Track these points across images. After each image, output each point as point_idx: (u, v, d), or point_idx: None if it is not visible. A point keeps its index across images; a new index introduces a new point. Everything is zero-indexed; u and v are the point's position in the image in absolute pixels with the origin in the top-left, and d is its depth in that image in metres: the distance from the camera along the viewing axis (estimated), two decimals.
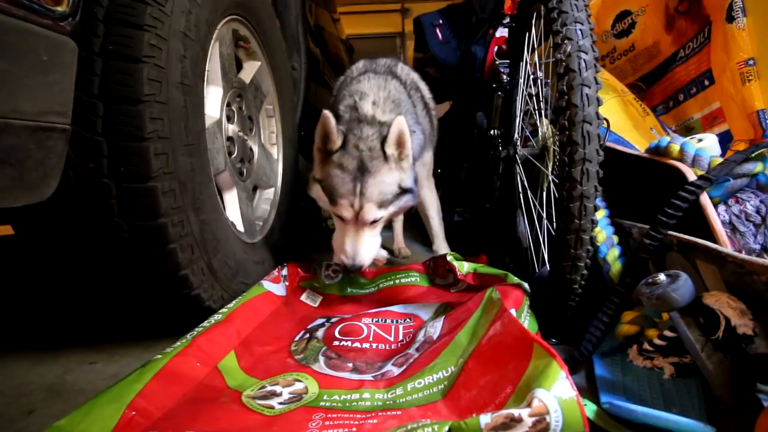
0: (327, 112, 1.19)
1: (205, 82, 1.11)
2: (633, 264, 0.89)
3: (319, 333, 1.05)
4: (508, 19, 1.99)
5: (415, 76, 1.61)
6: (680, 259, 0.85)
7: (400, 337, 1.05)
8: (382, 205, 1.20)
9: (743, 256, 0.71)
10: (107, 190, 0.88)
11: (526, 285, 1.07)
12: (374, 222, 1.22)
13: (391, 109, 1.33)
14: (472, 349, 0.79)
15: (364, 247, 1.21)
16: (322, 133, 1.21)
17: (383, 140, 1.21)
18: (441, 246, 1.68)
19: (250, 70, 1.49)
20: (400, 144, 1.22)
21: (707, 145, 1.07)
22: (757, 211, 0.93)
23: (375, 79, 1.42)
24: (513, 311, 0.83)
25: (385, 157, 1.21)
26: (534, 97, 1.29)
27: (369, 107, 1.31)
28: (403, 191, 1.24)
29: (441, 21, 2.41)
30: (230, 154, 1.31)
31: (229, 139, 1.31)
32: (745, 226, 0.93)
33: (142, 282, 1.01)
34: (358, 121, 1.26)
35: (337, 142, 1.20)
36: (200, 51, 1.06)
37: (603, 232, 1.02)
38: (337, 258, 1.24)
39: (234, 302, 1.05)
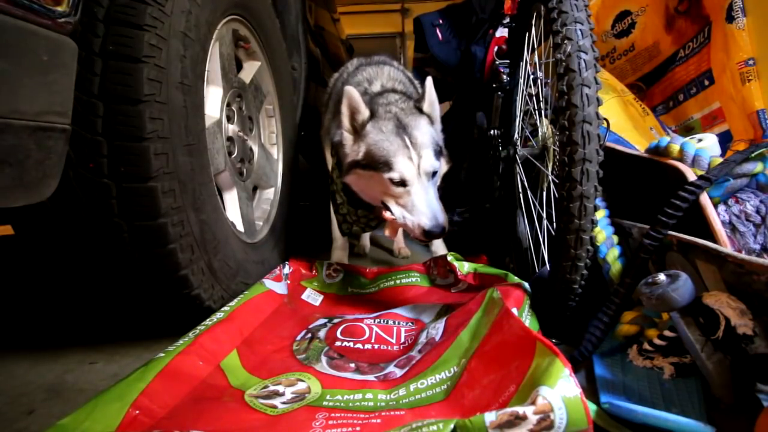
0: (350, 87, 1.13)
1: (205, 82, 1.11)
2: (633, 264, 0.89)
3: (321, 333, 1.05)
4: (508, 19, 1.99)
5: (409, 74, 1.61)
6: (680, 259, 0.85)
7: (402, 340, 1.05)
8: (435, 152, 1.12)
9: (743, 256, 0.71)
10: (107, 190, 0.88)
11: (526, 285, 1.07)
12: (434, 175, 1.12)
13: (394, 84, 1.32)
14: (474, 348, 0.79)
15: (436, 205, 1.08)
16: (350, 107, 1.13)
17: (416, 101, 1.19)
18: (439, 247, 1.68)
19: (250, 70, 1.49)
20: (431, 105, 1.20)
21: (707, 145, 1.07)
22: (757, 211, 0.93)
23: (375, 67, 1.41)
24: (514, 310, 0.83)
25: (421, 112, 1.18)
26: (534, 97, 1.29)
27: (380, 87, 1.29)
28: (441, 154, 1.18)
29: (441, 21, 2.41)
30: (230, 154, 1.31)
31: (229, 139, 1.31)
32: (745, 226, 0.93)
33: (142, 282, 1.01)
34: (377, 94, 1.22)
35: (366, 111, 1.13)
36: (200, 51, 1.06)
37: (603, 232, 1.02)
38: (415, 228, 1.06)
39: (236, 301, 1.05)
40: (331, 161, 1.37)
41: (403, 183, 1.09)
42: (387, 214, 1.14)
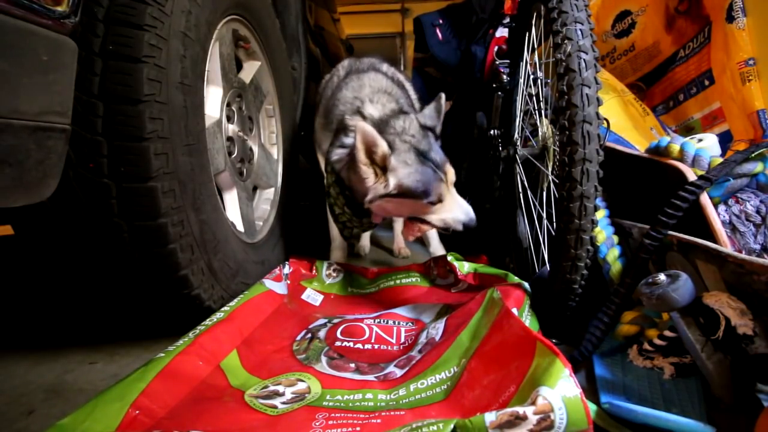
0: (363, 123, 1.14)
1: (205, 82, 1.11)
2: (633, 264, 0.89)
3: (321, 333, 1.05)
4: (508, 19, 1.99)
5: (400, 76, 1.59)
6: (680, 259, 0.85)
7: (402, 340, 1.05)
8: (455, 162, 1.23)
9: (743, 256, 0.71)
10: (107, 190, 0.88)
11: (526, 285, 1.07)
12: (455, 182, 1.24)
13: (388, 100, 1.31)
14: (474, 348, 0.79)
15: (464, 203, 1.22)
16: (365, 143, 1.12)
17: (418, 119, 1.23)
18: (437, 248, 1.68)
19: (250, 70, 1.49)
20: (431, 118, 1.26)
21: (707, 145, 1.07)
22: (757, 211, 0.93)
23: (365, 77, 1.39)
24: (514, 311, 0.83)
25: (425, 128, 1.23)
26: (534, 97, 1.29)
27: (378, 112, 1.28)
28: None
29: (441, 21, 2.41)
30: (230, 154, 1.31)
31: (229, 139, 1.31)
32: (745, 226, 0.93)
33: (142, 282, 1.01)
34: (382, 122, 1.24)
35: (384, 145, 1.13)
36: (200, 51, 1.06)
37: (603, 232, 1.02)
38: (457, 225, 1.21)
39: (236, 301, 1.05)
40: (326, 176, 1.35)
41: (439, 200, 1.19)
42: (421, 226, 1.26)
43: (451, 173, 1.21)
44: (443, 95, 1.29)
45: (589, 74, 0.85)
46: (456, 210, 1.20)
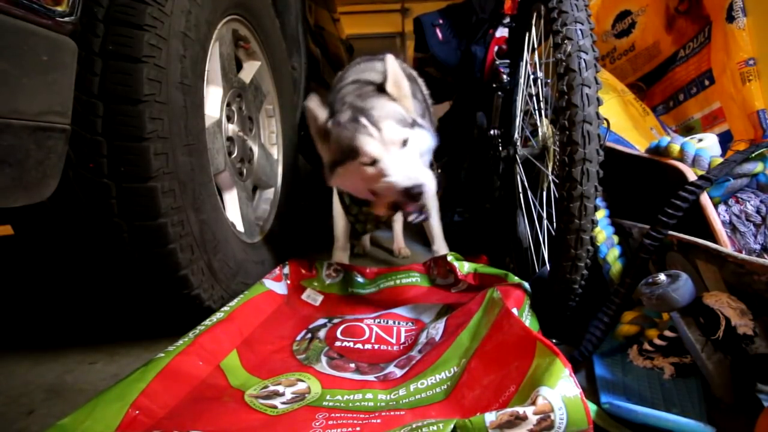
0: (309, 101, 1.13)
1: (205, 82, 1.11)
2: (633, 264, 0.89)
3: (321, 333, 1.05)
4: (508, 19, 1.99)
5: (413, 71, 1.57)
6: (680, 259, 0.85)
7: (402, 340, 1.05)
8: (400, 122, 1.07)
9: (743, 256, 0.71)
10: (107, 190, 0.88)
11: (526, 285, 1.07)
12: (405, 143, 1.07)
13: (369, 73, 1.28)
14: (474, 349, 0.79)
15: (417, 165, 1.05)
16: (310, 117, 1.14)
17: (377, 86, 1.15)
18: (441, 246, 1.68)
19: (250, 70, 1.49)
20: (394, 84, 1.15)
21: (707, 145, 1.07)
22: (757, 211, 0.93)
23: (366, 63, 1.39)
24: (515, 311, 0.83)
25: (381, 92, 1.14)
26: (534, 97, 1.29)
27: (349, 81, 1.25)
28: (417, 124, 1.12)
29: (441, 21, 2.41)
30: (230, 154, 1.31)
31: (229, 139, 1.31)
32: (745, 226, 0.93)
33: (142, 282, 1.01)
34: (338, 90, 1.21)
35: (323, 114, 1.13)
36: (200, 51, 1.06)
37: (603, 232, 1.02)
38: (395, 194, 1.02)
39: (235, 301, 1.05)
40: None
41: (374, 162, 1.06)
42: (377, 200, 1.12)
43: (388, 129, 1.05)
44: (390, 56, 1.19)
45: (589, 74, 0.84)
46: (391, 175, 1.01)
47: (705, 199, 0.90)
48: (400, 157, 1.05)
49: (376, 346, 1.02)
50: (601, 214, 1.06)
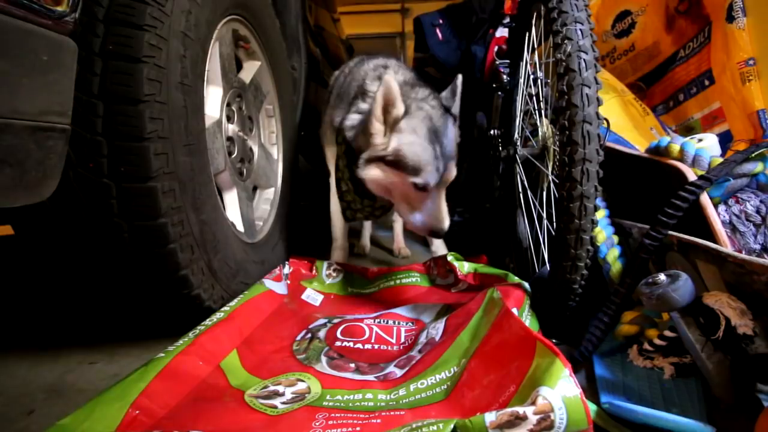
0: (390, 77, 1.08)
1: (205, 82, 1.11)
2: (633, 264, 0.89)
3: (321, 333, 1.05)
4: (508, 19, 1.99)
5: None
6: (680, 259, 0.85)
7: (402, 340, 1.05)
8: (455, 162, 1.15)
9: (743, 256, 0.71)
10: (107, 190, 0.88)
11: (526, 285, 1.07)
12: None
13: (408, 71, 1.30)
14: (474, 348, 0.79)
15: (445, 209, 1.14)
16: (386, 98, 1.08)
17: (444, 99, 1.18)
18: (440, 247, 1.68)
19: (250, 70, 1.49)
20: (458, 106, 1.20)
21: (707, 145, 1.07)
22: (757, 211, 0.93)
23: (382, 59, 1.38)
24: (515, 311, 0.83)
25: (449, 114, 1.17)
26: (534, 97, 1.29)
27: (402, 78, 1.24)
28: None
29: (441, 21, 2.41)
30: (230, 154, 1.31)
31: (229, 139, 1.31)
32: (745, 226, 0.93)
33: (142, 282, 1.01)
34: (407, 85, 1.18)
35: (401, 107, 1.09)
36: (200, 51, 1.06)
37: (603, 232, 1.02)
38: (424, 229, 1.14)
39: (236, 301, 1.05)
40: (335, 150, 1.32)
41: (424, 188, 1.11)
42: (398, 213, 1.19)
43: (451, 171, 1.15)
44: (461, 77, 1.24)
45: (589, 74, 0.85)
46: (430, 215, 1.12)
47: (705, 199, 0.90)
48: (442, 196, 1.12)
49: (376, 346, 1.02)
50: (601, 214, 1.06)
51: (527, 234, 1.32)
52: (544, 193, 1.23)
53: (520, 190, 1.38)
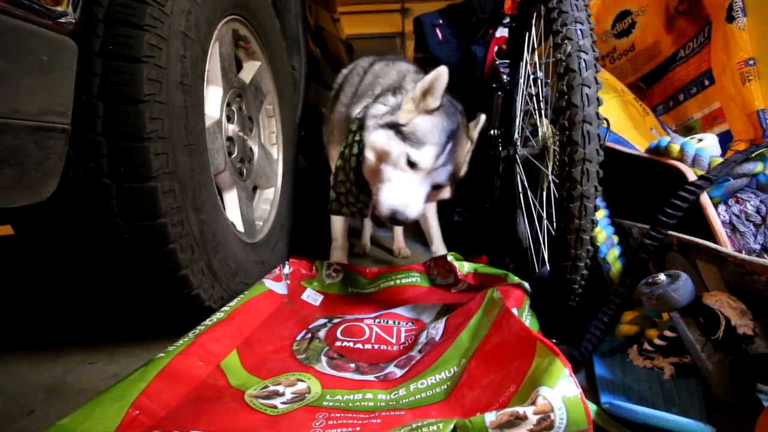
0: (445, 68, 1.14)
1: (205, 82, 1.11)
2: (633, 264, 0.89)
3: (321, 333, 1.05)
4: (508, 19, 1.99)
5: None
6: (680, 259, 0.85)
7: (402, 340, 1.05)
8: (450, 175, 1.19)
9: (743, 256, 0.71)
10: (107, 190, 0.88)
11: (526, 285, 1.07)
12: (438, 188, 1.19)
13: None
14: (474, 349, 0.79)
15: (419, 199, 1.13)
16: (431, 85, 1.14)
17: (468, 122, 1.25)
18: (440, 247, 1.68)
19: (250, 70, 1.49)
20: (478, 133, 1.27)
21: (707, 145, 1.07)
22: (757, 211, 0.93)
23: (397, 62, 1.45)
24: (515, 311, 0.83)
25: (467, 135, 1.23)
26: (534, 97, 1.29)
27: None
28: (455, 180, 1.24)
29: (441, 21, 2.42)
30: (230, 154, 1.31)
31: (229, 139, 1.30)
32: (745, 226, 0.93)
33: (142, 282, 1.01)
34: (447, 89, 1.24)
35: (439, 101, 1.16)
36: (200, 51, 1.06)
37: (603, 232, 1.03)
38: (389, 208, 1.09)
39: (236, 301, 1.05)
40: (339, 148, 1.34)
41: (414, 165, 1.13)
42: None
43: (444, 172, 1.16)
44: (483, 116, 1.32)
45: (589, 74, 0.85)
46: (396, 193, 1.10)
47: (705, 199, 0.90)
48: (420, 185, 1.13)
49: (376, 346, 1.02)
50: (601, 214, 1.06)
51: (527, 234, 1.32)
52: (544, 193, 1.23)
53: (520, 190, 1.38)
